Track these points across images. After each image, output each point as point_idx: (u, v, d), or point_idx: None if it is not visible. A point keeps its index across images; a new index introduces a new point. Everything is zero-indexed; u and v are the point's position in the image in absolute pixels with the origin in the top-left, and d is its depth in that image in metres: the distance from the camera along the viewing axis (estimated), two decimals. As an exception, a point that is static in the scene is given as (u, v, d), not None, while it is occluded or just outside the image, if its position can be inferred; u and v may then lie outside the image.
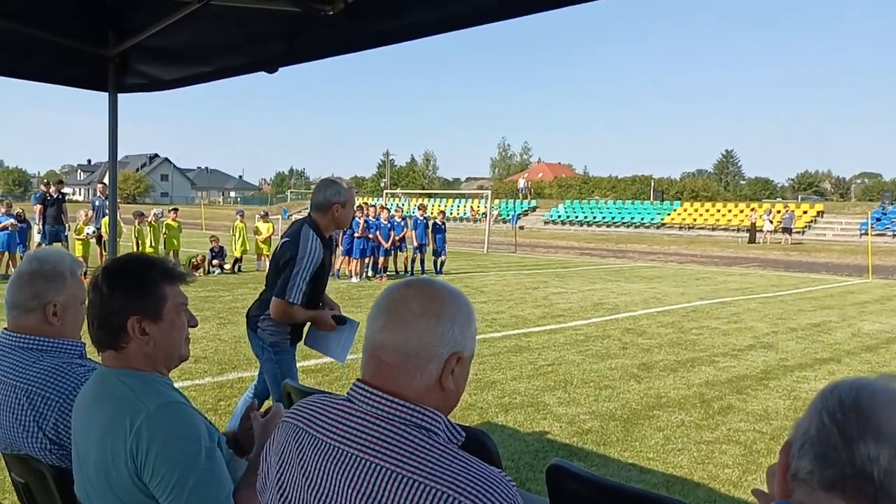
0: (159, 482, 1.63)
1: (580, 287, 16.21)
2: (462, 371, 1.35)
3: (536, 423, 5.78)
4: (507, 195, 57.53)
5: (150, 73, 3.93)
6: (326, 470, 1.28)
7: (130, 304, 1.77)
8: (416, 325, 1.30)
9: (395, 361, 1.30)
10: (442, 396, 1.32)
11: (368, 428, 1.27)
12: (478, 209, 50.41)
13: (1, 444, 2.13)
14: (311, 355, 7.98)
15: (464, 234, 39.24)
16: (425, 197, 51.46)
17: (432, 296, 1.35)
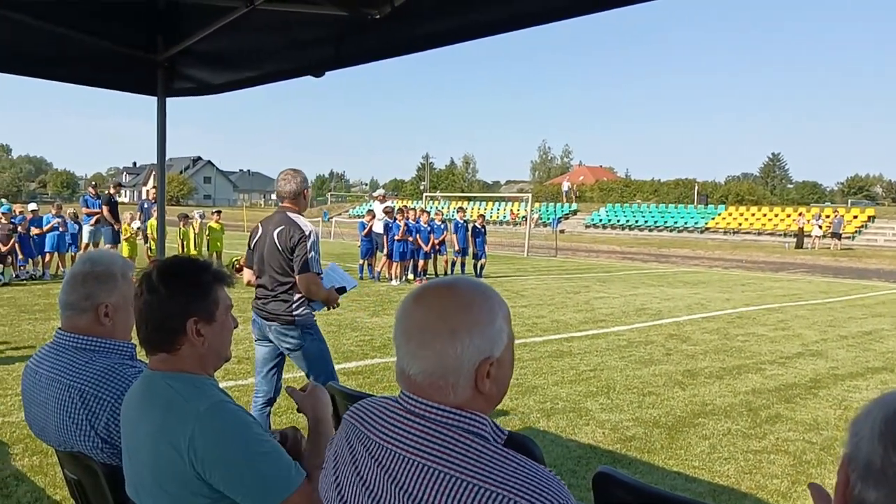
0: (223, 479, 1.65)
1: (622, 292, 16.02)
2: (500, 370, 1.32)
3: (579, 428, 5.72)
4: (547, 198, 57.20)
5: (198, 77, 4.00)
6: (379, 471, 1.29)
7: (190, 306, 1.80)
8: (436, 348, 1.28)
9: (425, 382, 1.30)
10: (483, 399, 1.31)
11: (419, 431, 1.27)
12: (517, 212, 50.21)
13: (55, 442, 2.17)
14: (351, 357, 8.05)
15: (503, 237, 39.11)
16: (465, 200, 51.44)
17: (443, 310, 1.31)
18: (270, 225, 4.47)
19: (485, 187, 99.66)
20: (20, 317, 10.06)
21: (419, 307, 1.34)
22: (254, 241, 4.56)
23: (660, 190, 63.14)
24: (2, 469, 4.45)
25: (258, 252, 4.51)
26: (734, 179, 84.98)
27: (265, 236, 4.47)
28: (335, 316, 10.91)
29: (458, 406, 1.28)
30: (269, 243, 4.41)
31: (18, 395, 5.95)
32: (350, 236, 32.45)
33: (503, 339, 1.32)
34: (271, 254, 4.40)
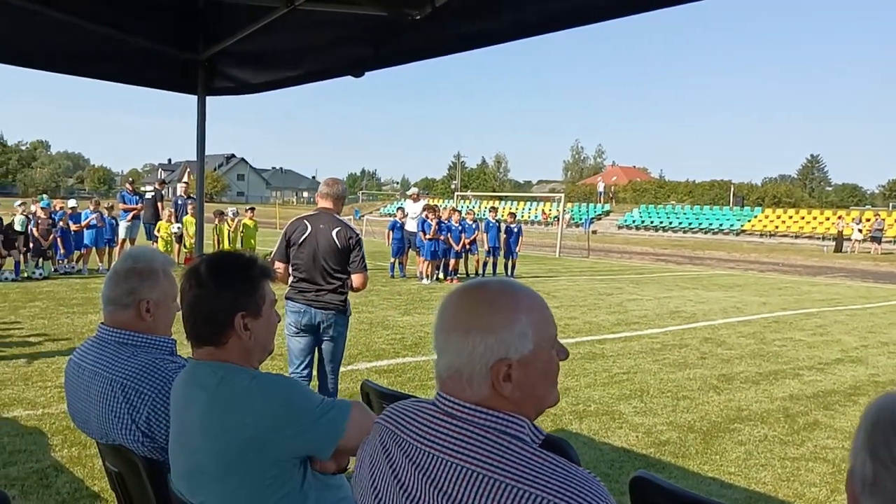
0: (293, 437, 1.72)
1: (656, 294, 15.84)
2: (523, 375, 1.29)
3: (612, 432, 5.66)
4: (579, 199, 56.83)
5: (238, 76, 4.03)
6: (416, 473, 1.29)
7: (239, 300, 1.82)
8: (452, 344, 1.31)
9: (447, 376, 1.33)
10: (507, 402, 1.29)
11: (456, 432, 1.27)
12: (549, 212, 49.95)
13: (97, 434, 2.21)
14: (382, 355, 8.08)
15: (535, 237, 38.93)
16: (496, 199, 51.34)
17: (464, 308, 1.34)
18: (322, 224, 4.78)
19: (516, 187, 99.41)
20: (59, 310, 10.27)
21: (448, 306, 1.37)
22: (301, 237, 4.78)
23: (694, 191, 62.31)
24: (42, 460, 4.54)
25: (308, 248, 4.76)
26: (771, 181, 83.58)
27: (317, 234, 4.76)
28: (366, 314, 10.97)
29: (479, 403, 1.29)
30: (327, 241, 4.73)
31: (58, 387, 6.08)
32: (381, 234, 32.48)
33: (525, 343, 1.30)
34: (329, 251, 4.73)
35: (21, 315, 9.74)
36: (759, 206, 49.51)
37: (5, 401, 5.73)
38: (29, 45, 3.64)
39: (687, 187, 64.46)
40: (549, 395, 1.37)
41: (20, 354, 7.39)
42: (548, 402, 1.37)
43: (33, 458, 4.55)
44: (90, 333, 8.30)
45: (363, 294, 13.32)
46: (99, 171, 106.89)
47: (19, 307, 10.39)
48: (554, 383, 1.39)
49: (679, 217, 48.35)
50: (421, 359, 8.05)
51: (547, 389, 1.36)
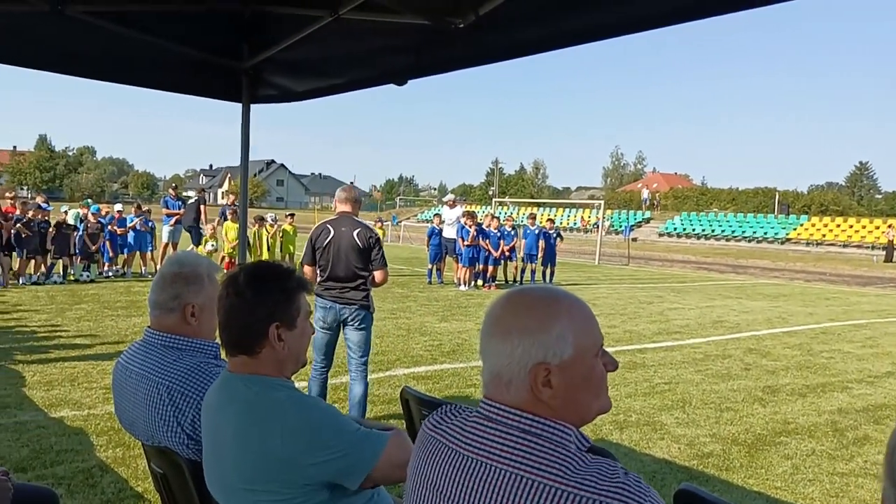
0: (320, 462, 1.70)
1: (698, 303, 15.58)
2: (563, 381, 1.28)
3: (653, 443, 5.57)
4: (619, 206, 56.25)
5: (281, 84, 4.08)
6: (462, 480, 1.29)
7: (274, 311, 1.82)
8: (493, 347, 1.32)
9: (489, 380, 1.34)
10: (547, 408, 1.28)
11: (501, 438, 1.27)
12: (588, 219, 49.55)
13: (143, 436, 2.24)
14: (420, 362, 8.07)
15: (574, 244, 38.67)
16: (534, 206, 51.09)
17: (499, 313, 1.35)
18: (343, 227, 5.15)
19: (555, 193, 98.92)
20: (104, 313, 10.50)
21: (492, 311, 1.38)
22: (326, 240, 5.15)
23: (738, 198, 61.15)
24: (87, 460, 4.63)
25: (331, 249, 5.12)
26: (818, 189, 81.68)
27: (339, 236, 5.12)
28: (404, 320, 11.00)
29: (520, 407, 1.28)
30: (348, 242, 5.09)
31: (103, 389, 6.21)
32: (418, 240, 32.61)
33: (565, 348, 1.28)
34: (351, 251, 5.09)
35: (67, 317, 9.98)
36: (805, 215, 48.40)
37: (53, 401, 5.86)
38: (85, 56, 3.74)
39: (730, 194, 63.28)
40: (592, 404, 1.34)
41: (67, 356, 7.56)
42: (592, 412, 1.35)
43: (79, 458, 4.64)
44: (134, 336, 8.49)
45: (400, 300, 13.44)
46: (142, 176, 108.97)
47: (66, 309, 10.65)
48: (598, 393, 1.36)
49: (722, 225, 47.52)
50: (459, 366, 8.02)
51: (590, 399, 1.34)
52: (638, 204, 58.31)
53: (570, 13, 2.61)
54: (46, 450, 4.75)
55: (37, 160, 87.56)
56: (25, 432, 5.07)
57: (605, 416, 6.10)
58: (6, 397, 5.89)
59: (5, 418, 5.36)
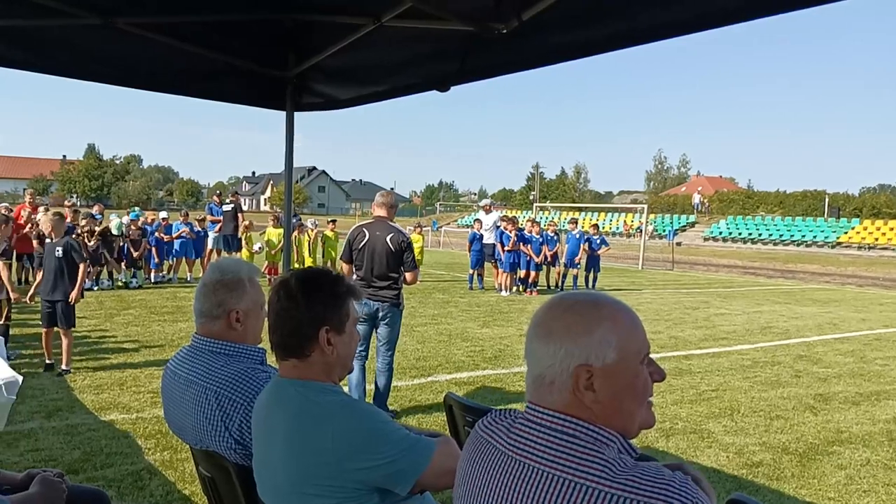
0: (372, 468, 1.72)
1: (745, 308, 15.25)
2: (606, 386, 1.28)
3: (701, 451, 5.45)
4: (662, 210, 55.45)
5: (325, 92, 4.11)
6: (508, 481, 1.31)
7: (324, 315, 1.85)
8: (535, 349, 1.34)
9: (532, 384, 1.35)
10: (589, 412, 1.28)
11: (546, 440, 1.28)
12: (631, 224, 48.95)
13: (192, 440, 2.28)
14: (462, 367, 8.05)
15: (617, 249, 38.27)
16: (576, 210, 50.67)
17: (544, 316, 1.36)
18: (377, 231, 5.68)
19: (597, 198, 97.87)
20: (151, 318, 10.72)
21: (537, 315, 1.39)
22: (362, 242, 5.70)
23: (785, 202, 59.64)
24: (136, 462, 4.72)
25: (367, 251, 5.66)
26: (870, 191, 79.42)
27: (374, 240, 5.65)
28: (445, 325, 10.99)
29: (563, 411, 1.29)
30: (382, 245, 5.60)
31: (151, 393, 6.33)
32: (458, 246, 32.62)
33: (608, 352, 1.28)
34: (383, 253, 5.60)
35: (116, 322, 10.21)
36: (856, 218, 46.97)
37: (103, 404, 5.99)
38: (134, 67, 3.83)
39: (777, 197, 61.78)
40: (636, 413, 1.33)
41: (115, 360, 7.74)
42: (636, 422, 1.34)
43: (128, 461, 4.73)
44: (180, 341, 8.65)
45: (441, 305, 13.44)
46: (187, 183, 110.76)
47: (114, 315, 10.90)
48: (643, 401, 1.35)
49: (769, 228, 46.46)
50: (501, 371, 7.98)
51: (634, 406, 1.33)
52: (682, 208, 57.36)
53: (615, 17, 2.59)
54: (97, 452, 4.86)
55: (85, 169, 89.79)
56: (77, 435, 5.19)
57: (650, 423, 6.02)
58: (58, 400, 6.05)
59: (57, 421, 5.50)
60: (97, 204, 17.44)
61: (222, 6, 3.33)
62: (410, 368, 7.91)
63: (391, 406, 6.18)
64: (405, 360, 8.26)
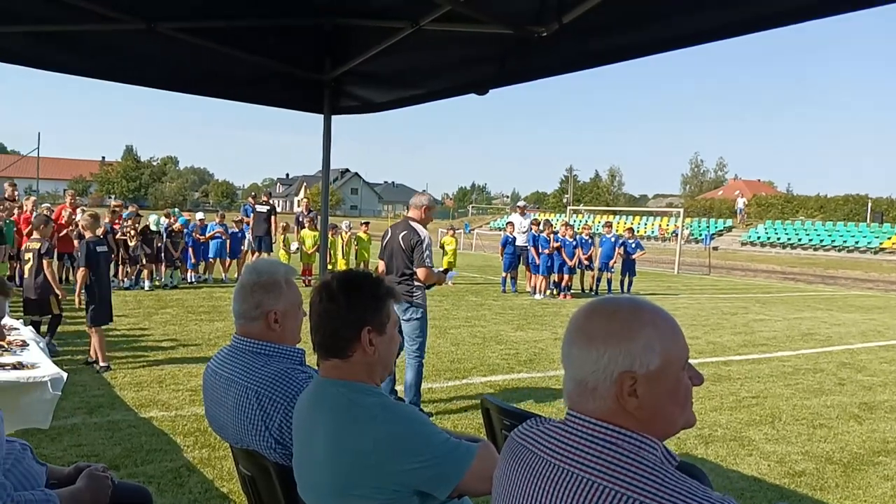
0: (413, 471, 1.72)
1: (785, 315, 14.96)
2: (649, 392, 1.27)
3: (741, 459, 5.35)
4: (698, 213, 54.70)
5: (362, 95, 4.13)
6: (546, 486, 1.30)
7: (366, 316, 1.87)
8: (575, 355, 1.32)
9: (574, 391, 1.33)
10: (632, 419, 1.27)
11: (587, 448, 1.27)
12: (667, 228, 48.37)
13: (232, 439, 2.30)
14: (497, 370, 8.02)
15: (652, 253, 37.84)
16: (610, 214, 50.24)
17: (584, 322, 1.34)
18: (397, 230, 6.04)
19: (631, 201, 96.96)
20: (188, 317, 10.87)
21: (576, 319, 1.37)
22: (385, 241, 6.15)
23: (826, 206, 58.40)
24: (175, 460, 4.78)
25: (388, 250, 6.04)
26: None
27: (393, 239, 6.00)
28: (479, 328, 10.97)
29: (604, 418, 1.28)
30: (397, 244, 5.94)
31: (189, 391, 6.41)
32: (491, 248, 32.57)
33: (652, 358, 1.27)
34: (398, 251, 5.92)
35: (154, 321, 10.38)
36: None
37: (143, 402, 6.09)
38: (175, 70, 3.89)
39: (818, 202, 60.53)
40: (678, 418, 1.34)
41: (154, 358, 7.86)
42: (678, 425, 1.34)
43: (167, 458, 4.80)
44: (217, 340, 8.71)
45: (475, 308, 13.42)
46: (222, 185, 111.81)
47: (152, 314, 11.08)
48: (685, 406, 1.35)
49: (809, 233, 45.52)
50: (536, 375, 7.93)
51: (676, 412, 1.33)
52: (719, 212, 56.51)
53: (655, 21, 2.57)
54: (137, 448, 4.94)
55: (123, 170, 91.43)
56: (118, 431, 5.28)
57: (689, 430, 5.92)
58: (100, 397, 6.16)
59: (99, 417, 5.60)
60: (132, 204, 17.72)
61: (263, 11, 3.36)
62: (445, 371, 7.91)
63: (426, 408, 6.18)
64: (440, 363, 8.26)
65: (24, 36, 3.33)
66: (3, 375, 3.59)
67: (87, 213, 8.41)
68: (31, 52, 3.42)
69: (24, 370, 3.73)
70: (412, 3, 3.05)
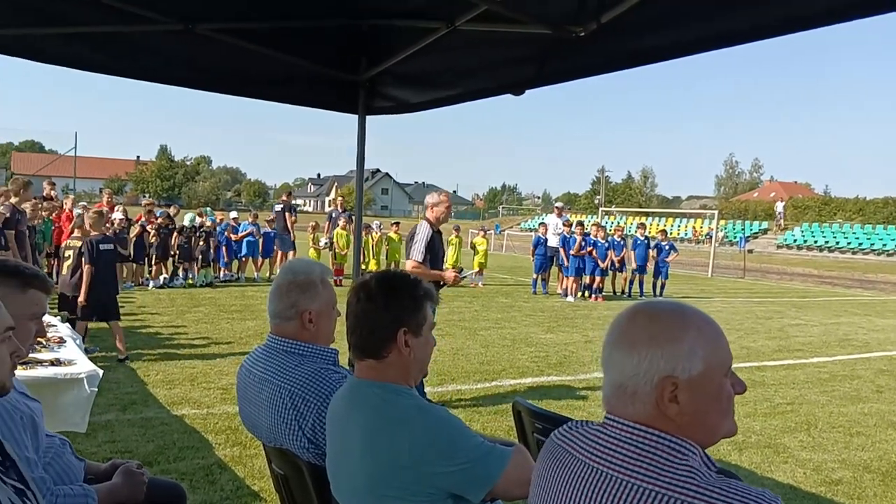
0: (447, 473, 1.72)
1: (821, 320, 14.66)
2: (691, 399, 1.25)
3: (776, 466, 5.25)
4: (733, 216, 53.90)
5: (397, 96, 4.13)
6: (585, 488, 1.30)
7: (403, 317, 1.87)
8: (616, 358, 1.30)
9: (611, 394, 1.31)
10: (672, 425, 1.25)
11: (626, 451, 1.26)
12: (700, 230, 47.76)
13: (265, 437, 2.32)
14: (526, 373, 7.97)
15: (685, 255, 37.37)
16: (643, 215, 49.77)
17: (626, 324, 1.33)
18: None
19: (664, 202, 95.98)
20: (220, 316, 10.98)
21: (617, 323, 1.35)
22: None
23: (865, 209, 57.14)
24: (207, 457, 4.83)
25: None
26: (956, 198, 75.25)
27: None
28: (509, 330, 10.94)
29: (644, 422, 1.26)
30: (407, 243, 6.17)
31: (221, 389, 6.48)
32: (521, 249, 32.46)
33: (695, 363, 1.25)
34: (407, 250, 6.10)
35: (187, 319, 10.51)
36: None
37: (175, 399, 6.17)
38: (211, 71, 3.93)
39: (856, 204, 59.27)
40: (720, 426, 1.32)
41: (186, 356, 7.96)
42: (719, 434, 1.32)
43: (199, 455, 4.85)
44: (248, 339, 8.77)
45: (505, 309, 13.38)
46: (254, 184, 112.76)
47: (185, 312, 11.22)
48: (727, 415, 1.33)
49: (847, 237, 44.64)
50: (567, 378, 7.87)
51: (718, 420, 1.31)
52: (754, 214, 55.65)
53: (695, 21, 2.54)
54: (170, 446, 5.00)
55: (158, 169, 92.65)
56: (150, 428, 5.35)
57: (722, 436, 5.83)
58: (133, 394, 6.25)
59: (132, 414, 5.69)
60: (174, 205, 17.92)
61: (300, 12, 3.38)
62: (474, 373, 7.89)
63: (453, 410, 6.17)
64: (469, 364, 8.24)
65: (63, 37, 3.38)
66: (42, 371, 3.65)
67: (92, 211, 8.49)
68: (70, 53, 3.48)
69: (62, 367, 3.79)
70: (448, 4, 3.04)
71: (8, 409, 2.04)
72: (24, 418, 2.10)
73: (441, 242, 6.16)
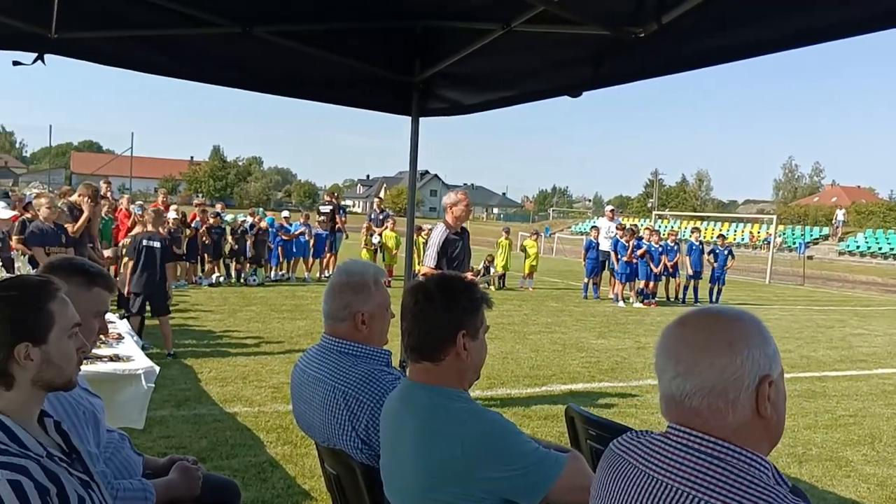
0: (499, 478, 1.70)
1: (887, 330, 14.12)
2: (778, 394, 1.26)
3: (838, 480, 5.06)
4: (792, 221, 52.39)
5: (451, 97, 4.12)
6: (646, 499, 1.27)
7: (462, 320, 1.86)
8: (710, 361, 1.24)
9: (701, 405, 1.24)
10: (763, 426, 1.25)
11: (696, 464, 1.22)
12: (758, 235, 46.54)
13: (319, 437, 2.33)
14: (577, 379, 7.87)
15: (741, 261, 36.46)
16: (697, 220, 48.73)
17: (714, 324, 1.29)
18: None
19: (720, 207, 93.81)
20: (270, 315, 11.11)
21: (685, 328, 1.31)
22: None
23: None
24: (259, 455, 4.89)
25: None
26: None
27: None
28: (559, 334, 10.83)
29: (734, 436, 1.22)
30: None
31: (271, 388, 6.56)
32: (572, 253, 32.09)
33: (779, 363, 1.27)
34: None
35: (239, 318, 10.68)
36: None
37: (227, 397, 6.26)
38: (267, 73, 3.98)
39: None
40: (782, 426, 1.32)
41: (238, 354, 8.08)
42: (780, 434, 1.31)
43: (251, 453, 4.91)
44: (299, 338, 8.86)
45: (555, 314, 13.25)
46: (304, 185, 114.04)
47: (237, 311, 11.41)
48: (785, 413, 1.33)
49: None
50: (619, 384, 7.75)
51: (784, 418, 1.32)
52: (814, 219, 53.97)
53: (757, 22, 2.48)
54: (222, 442, 5.07)
55: (211, 170, 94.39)
56: (204, 425, 5.45)
57: (781, 447, 5.65)
58: (186, 391, 6.37)
59: (186, 410, 5.80)
60: (219, 203, 18.31)
61: (355, 15, 3.39)
62: (524, 377, 7.82)
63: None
64: (518, 369, 8.18)
65: (123, 40, 3.46)
66: (101, 367, 3.75)
67: (151, 209, 8.71)
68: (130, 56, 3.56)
69: (120, 362, 3.88)
70: (504, 5, 3.01)
71: (72, 403, 2.09)
72: (87, 413, 2.15)
73: (463, 243, 5.94)
